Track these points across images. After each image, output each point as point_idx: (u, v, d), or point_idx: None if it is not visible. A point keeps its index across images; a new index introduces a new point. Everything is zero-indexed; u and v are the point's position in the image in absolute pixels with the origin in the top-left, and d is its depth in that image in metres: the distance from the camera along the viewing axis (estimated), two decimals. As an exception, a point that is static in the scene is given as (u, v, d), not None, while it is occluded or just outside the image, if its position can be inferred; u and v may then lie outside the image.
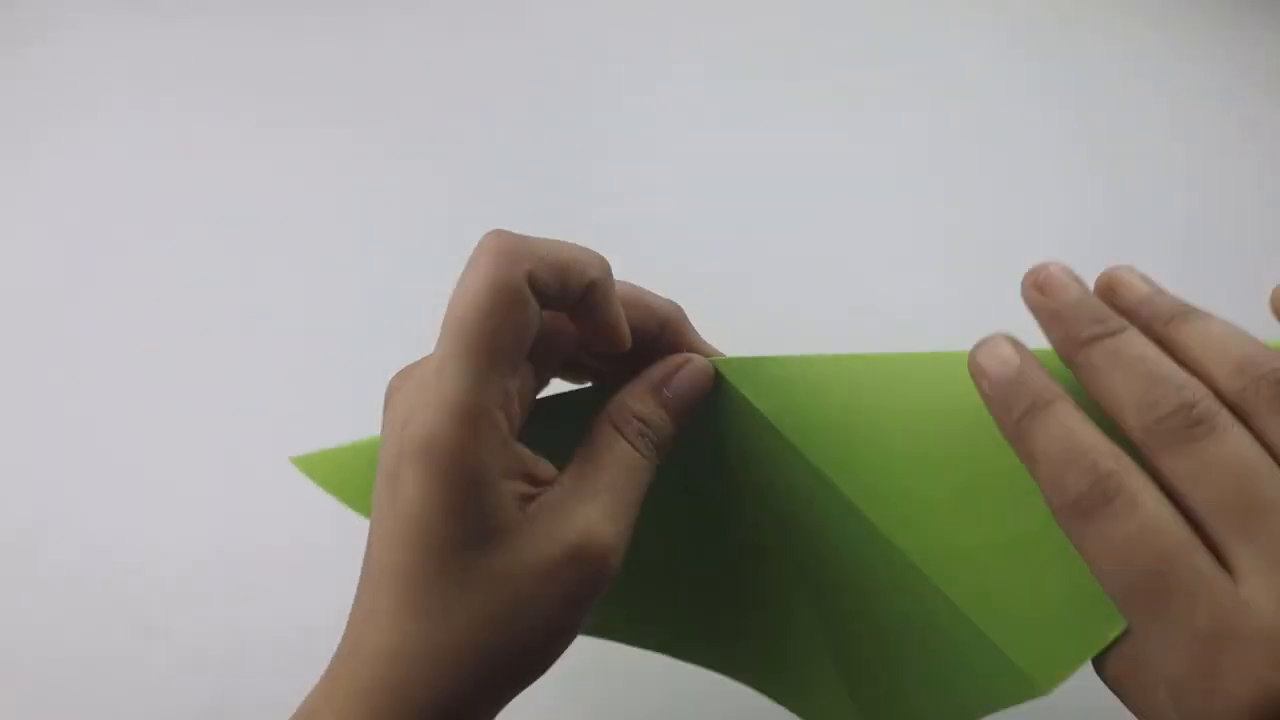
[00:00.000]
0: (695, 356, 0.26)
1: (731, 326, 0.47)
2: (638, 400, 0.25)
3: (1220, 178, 0.52)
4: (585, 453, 0.24)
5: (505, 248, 0.24)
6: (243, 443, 0.45)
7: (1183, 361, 0.21)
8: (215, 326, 0.48)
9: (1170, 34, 0.56)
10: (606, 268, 0.24)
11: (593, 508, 0.23)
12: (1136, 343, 0.21)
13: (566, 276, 0.23)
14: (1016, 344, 0.24)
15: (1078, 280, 0.25)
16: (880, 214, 0.51)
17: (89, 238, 0.50)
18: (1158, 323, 0.23)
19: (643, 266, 0.50)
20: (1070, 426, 0.20)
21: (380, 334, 0.48)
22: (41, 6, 0.56)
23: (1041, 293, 0.25)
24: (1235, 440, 0.19)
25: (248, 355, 0.47)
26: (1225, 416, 0.20)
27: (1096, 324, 0.22)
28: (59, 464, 0.44)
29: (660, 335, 0.26)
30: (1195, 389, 0.20)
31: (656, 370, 0.25)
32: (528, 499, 0.23)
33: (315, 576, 0.42)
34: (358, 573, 0.39)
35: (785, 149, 0.53)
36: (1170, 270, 0.49)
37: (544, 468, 0.24)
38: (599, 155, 0.52)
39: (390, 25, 0.56)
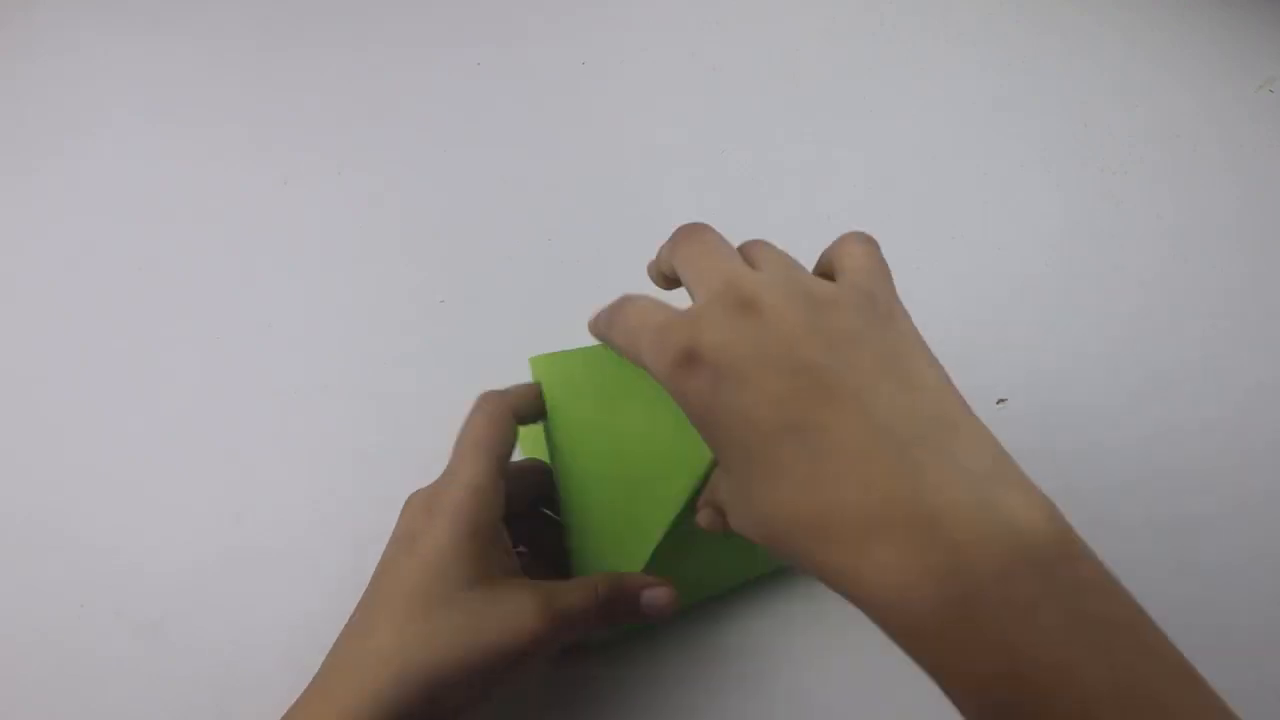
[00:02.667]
0: (667, 586, 0.35)
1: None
2: (622, 583, 0.35)
3: (1207, 180, 0.52)
4: (567, 583, 0.34)
5: (500, 398, 0.36)
6: (243, 444, 0.45)
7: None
8: (215, 329, 0.48)
9: (1157, 36, 0.57)
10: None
11: (541, 605, 0.32)
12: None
13: (537, 406, 0.37)
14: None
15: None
16: (871, 217, 0.51)
17: (91, 242, 0.50)
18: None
19: (636, 264, 0.50)
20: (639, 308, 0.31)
21: (379, 336, 0.48)
22: (46, 22, 0.56)
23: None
24: (712, 234, 0.30)
25: (247, 357, 0.47)
26: (711, 228, 0.31)
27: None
28: (58, 466, 0.44)
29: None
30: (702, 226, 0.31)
31: (647, 579, 0.35)
32: (511, 570, 0.34)
33: (314, 578, 0.42)
34: (355, 575, 0.39)
35: (784, 150, 0.53)
36: (1161, 269, 0.49)
37: (517, 565, 0.35)
38: (597, 156, 0.53)
39: (385, 38, 0.56)
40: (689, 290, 0.29)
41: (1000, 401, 0.46)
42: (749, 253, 0.30)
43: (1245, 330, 0.48)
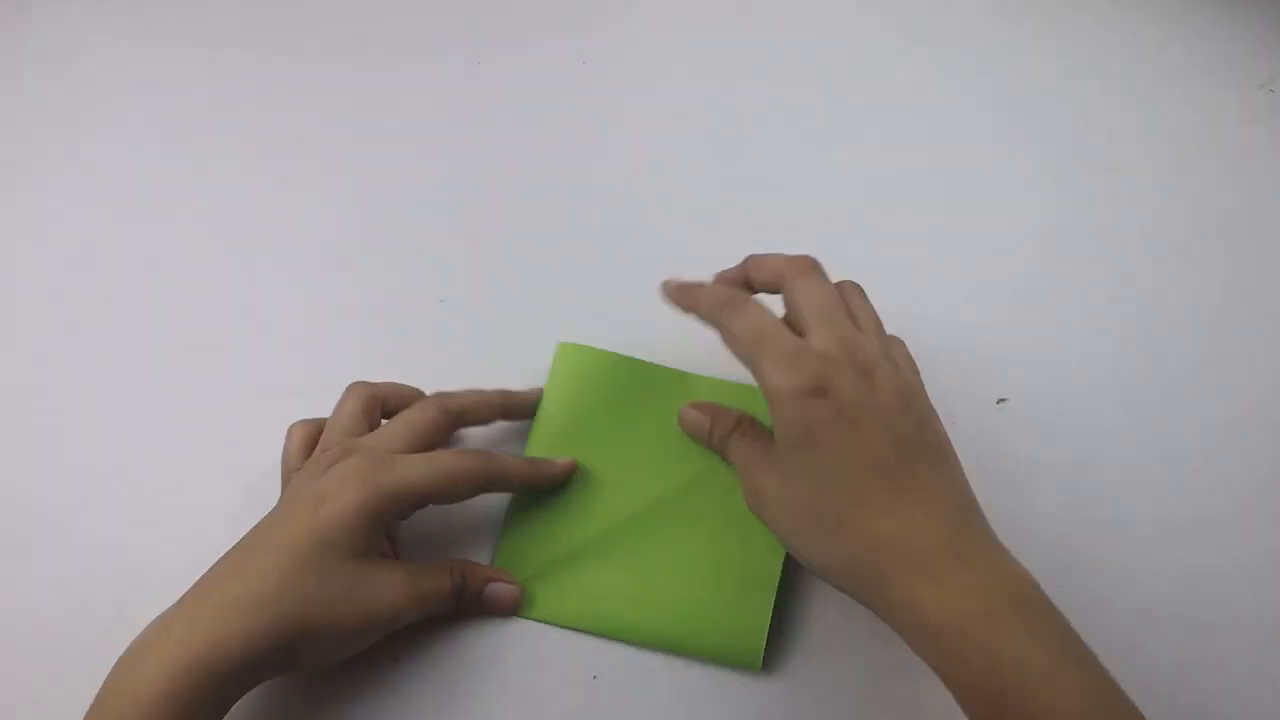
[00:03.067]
0: (514, 586, 0.40)
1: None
2: (474, 574, 0.40)
3: (1207, 179, 0.52)
4: (427, 566, 0.39)
5: (487, 463, 0.39)
6: (243, 445, 0.45)
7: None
8: (215, 329, 0.48)
9: (1157, 35, 0.57)
10: (532, 476, 0.42)
11: (406, 585, 0.37)
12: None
13: (508, 488, 0.41)
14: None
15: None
16: (870, 216, 0.51)
17: (90, 244, 0.50)
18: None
19: (642, 265, 0.50)
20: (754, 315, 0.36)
21: (379, 336, 0.48)
22: (45, 26, 0.56)
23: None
24: (829, 285, 0.37)
25: (247, 358, 0.47)
26: (824, 272, 0.38)
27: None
28: (59, 467, 0.44)
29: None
30: (815, 263, 0.38)
31: (497, 574, 0.40)
32: (383, 555, 0.38)
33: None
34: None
35: (784, 151, 0.53)
36: (1161, 268, 0.49)
37: (396, 549, 0.40)
38: (596, 155, 0.53)
39: (384, 37, 0.56)
40: (801, 317, 0.35)
41: (1000, 401, 0.46)
42: (850, 303, 0.37)
43: (1246, 329, 0.48)
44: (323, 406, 0.45)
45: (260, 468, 0.44)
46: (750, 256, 0.39)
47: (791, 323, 0.36)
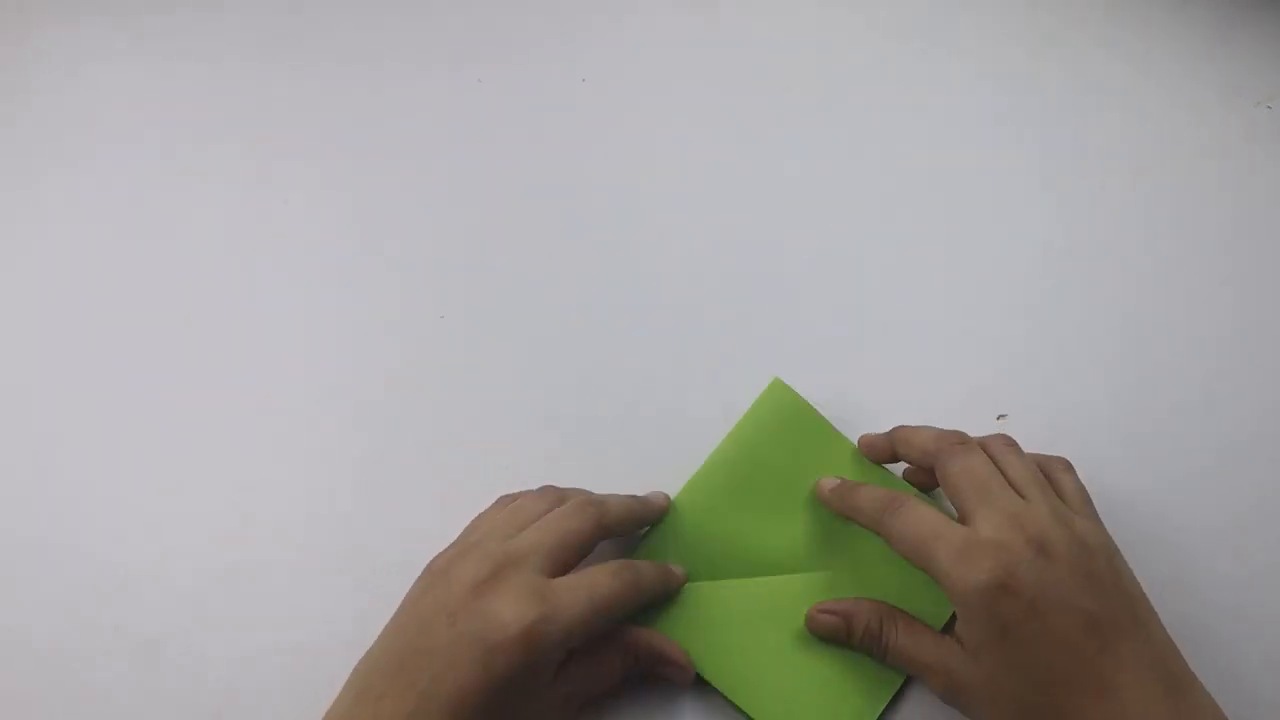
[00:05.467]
0: (688, 668, 0.39)
1: (732, 336, 0.48)
2: (646, 656, 0.39)
3: (1206, 195, 0.52)
4: (597, 658, 0.37)
5: (634, 577, 0.38)
6: (243, 460, 0.45)
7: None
8: (216, 345, 0.48)
9: (1156, 52, 0.57)
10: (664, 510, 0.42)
11: (580, 694, 0.37)
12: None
13: (630, 525, 0.41)
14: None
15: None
16: (870, 230, 0.51)
17: (92, 258, 0.50)
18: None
19: (642, 280, 0.50)
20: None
21: (380, 352, 0.48)
22: (47, 40, 0.56)
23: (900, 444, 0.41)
24: (978, 456, 0.38)
25: (249, 374, 0.47)
26: (974, 443, 0.39)
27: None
28: (59, 482, 0.44)
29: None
30: (964, 438, 0.39)
31: (668, 651, 0.39)
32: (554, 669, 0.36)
33: (314, 595, 0.42)
34: (355, 591, 0.39)
35: (784, 166, 0.53)
36: (1160, 284, 0.49)
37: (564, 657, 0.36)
38: (595, 171, 0.53)
39: (386, 55, 0.57)
40: (961, 499, 0.36)
41: (1000, 417, 0.46)
42: (1006, 466, 0.37)
43: (1246, 344, 0.48)
44: (324, 422, 0.46)
45: (261, 481, 0.44)
46: (898, 429, 0.40)
47: (953, 502, 0.37)
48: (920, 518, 0.36)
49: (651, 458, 0.44)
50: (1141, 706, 0.32)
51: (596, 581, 0.36)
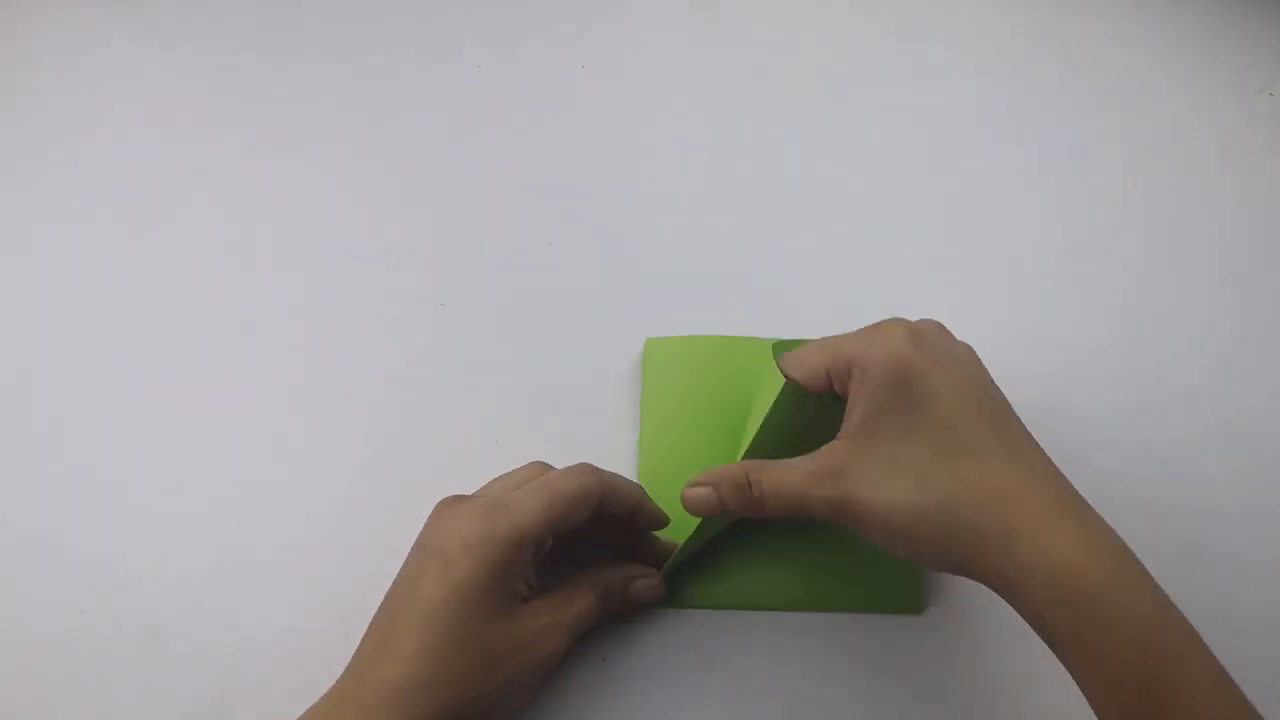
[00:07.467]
0: (655, 577, 0.40)
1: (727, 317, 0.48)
2: (614, 580, 0.39)
3: (1207, 184, 0.52)
4: (567, 589, 0.38)
5: (596, 476, 0.37)
6: (242, 451, 0.45)
7: None
8: (214, 335, 0.48)
9: (1156, 41, 0.57)
10: (643, 494, 0.39)
11: (557, 623, 0.36)
12: None
13: (620, 502, 0.38)
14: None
15: None
16: (870, 224, 0.51)
17: (90, 249, 0.50)
18: None
19: (641, 267, 0.50)
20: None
21: (379, 341, 0.48)
22: (48, 33, 0.56)
23: None
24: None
25: (246, 363, 0.47)
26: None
27: None
28: (57, 472, 0.44)
29: (632, 513, 0.39)
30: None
31: (634, 571, 0.39)
32: (525, 599, 0.36)
33: (313, 585, 0.42)
34: (354, 581, 0.39)
35: (785, 159, 0.53)
36: (1161, 274, 0.50)
37: (535, 583, 0.37)
38: (596, 159, 0.53)
39: (385, 43, 0.56)
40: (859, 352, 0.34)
41: (1001, 406, 0.46)
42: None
43: (1246, 335, 0.48)
44: (322, 411, 0.46)
45: (259, 473, 0.44)
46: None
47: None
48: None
49: (652, 446, 0.44)
50: (1044, 476, 0.32)
51: (552, 480, 0.36)
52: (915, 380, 0.32)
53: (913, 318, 0.37)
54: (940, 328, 0.35)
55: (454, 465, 0.44)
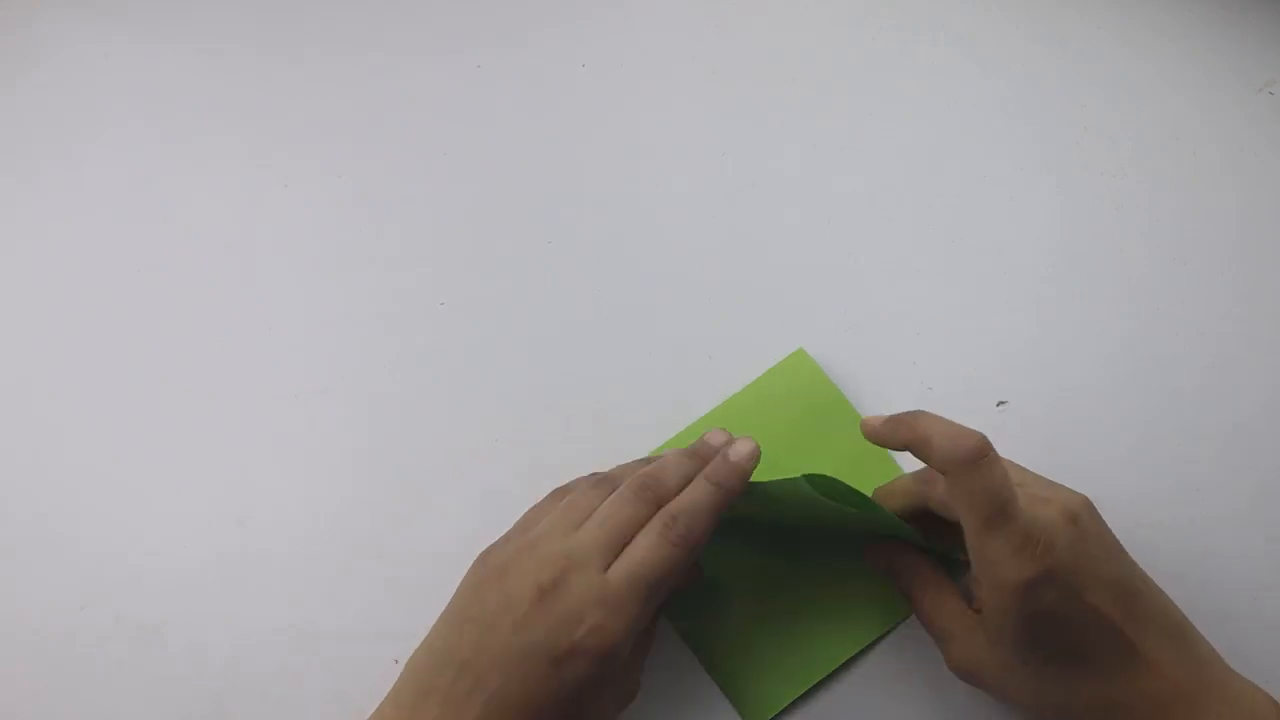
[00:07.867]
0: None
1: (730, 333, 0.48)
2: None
3: (1207, 182, 0.52)
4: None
5: (686, 547, 0.36)
6: (243, 448, 0.45)
7: None
8: (215, 333, 0.48)
9: (1156, 38, 0.57)
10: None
11: (635, 659, 0.38)
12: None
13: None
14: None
15: None
16: (870, 220, 0.51)
17: (92, 246, 0.50)
18: None
19: (643, 264, 0.50)
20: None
21: (379, 339, 0.48)
22: (47, 30, 0.56)
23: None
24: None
25: (248, 361, 0.47)
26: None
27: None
28: (60, 469, 0.44)
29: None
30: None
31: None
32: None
33: (314, 582, 0.42)
34: (355, 578, 0.39)
35: (784, 155, 0.53)
36: (1161, 271, 0.49)
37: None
38: (596, 158, 0.53)
39: (385, 42, 0.56)
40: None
41: (1000, 404, 0.46)
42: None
43: (1246, 333, 0.48)
44: (323, 408, 0.46)
45: (261, 470, 0.44)
46: (904, 416, 0.38)
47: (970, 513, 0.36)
48: (1006, 474, 0.34)
49: (654, 442, 0.45)
50: (1168, 669, 0.33)
51: (647, 560, 0.35)
52: (1047, 613, 0.33)
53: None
54: (1093, 517, 0.36)
55: (454, 465, 0.44)
